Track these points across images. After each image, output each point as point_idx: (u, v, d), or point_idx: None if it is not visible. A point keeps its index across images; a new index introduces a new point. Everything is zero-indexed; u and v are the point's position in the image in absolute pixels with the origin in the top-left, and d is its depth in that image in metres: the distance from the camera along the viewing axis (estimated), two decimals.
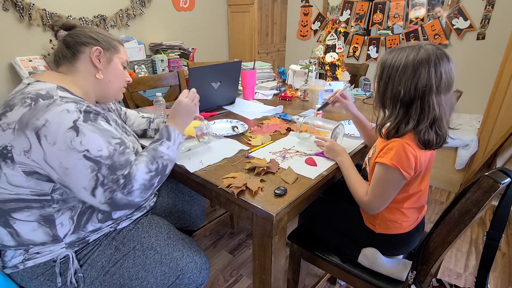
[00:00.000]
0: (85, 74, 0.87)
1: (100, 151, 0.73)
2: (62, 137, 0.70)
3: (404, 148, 0.80)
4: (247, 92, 1.76)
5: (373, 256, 0.96)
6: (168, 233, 0.95)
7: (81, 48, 0.86)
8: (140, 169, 0.78)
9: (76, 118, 0.72)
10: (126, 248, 0.88)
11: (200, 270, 0.94)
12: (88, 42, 0.86)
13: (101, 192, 0.73)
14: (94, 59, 0.87)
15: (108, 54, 0.90)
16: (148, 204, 1.02)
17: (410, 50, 0.80)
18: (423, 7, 2.81)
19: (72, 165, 0.71)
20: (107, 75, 0.90)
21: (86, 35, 0.87)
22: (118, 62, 0.93)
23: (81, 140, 0.71)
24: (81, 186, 0.72)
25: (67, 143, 0.70)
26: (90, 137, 0.73)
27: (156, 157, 0.83)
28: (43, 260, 0.81)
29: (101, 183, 0.73)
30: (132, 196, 0.76)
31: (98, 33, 0.90)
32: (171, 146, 0.87)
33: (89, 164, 0.72)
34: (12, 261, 0.80)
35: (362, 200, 0.92)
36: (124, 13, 2.71)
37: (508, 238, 1.86)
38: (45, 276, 0.81)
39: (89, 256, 0.85)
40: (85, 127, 0.73)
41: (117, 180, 0.74)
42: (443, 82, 0.78)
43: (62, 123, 0.70)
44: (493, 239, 0.72)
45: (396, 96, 0.82)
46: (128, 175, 0.76)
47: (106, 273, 0.85)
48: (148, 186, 0.79)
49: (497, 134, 2.07)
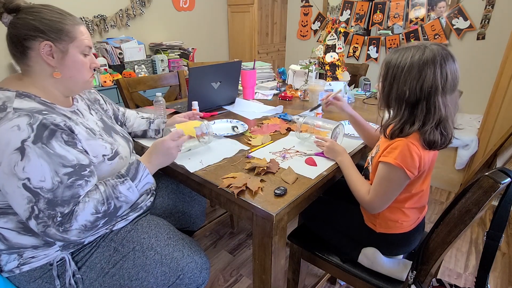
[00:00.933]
0: (41, 74, 0.77)
1: (42, 182, 0.67)
2: (7, 159, 0.65)
3: (409, 147, 0.80)
4: (247, 92, 1.76)
5: (373, 255, 0.96)
6: (168, 233, 0.94)
7: (27, 43, 0.73)
8: (86, 209, 0.72)
9: (25, 138, 0.66)
10: (126, 249, 0.88)
11: (201, 270, 0.94)
12: (34, 35, 0.73)
13: (34, 224, 0.69)
14: (45, 57, 0.75)
15: (62, 46, 0.76)
16: (145, 204, 1.00)
17: (415, 50, 0.79)
18: (423, 7, 2.81)
19: (11, 191, 0.67)
20: (66, 71, 0.79)
21: (29, 26, 0.73)
22: (76, 53, 0.79)
23: (24, 166, 0.66)
24: (19, 211, 0.70)
25: (10, 166, 0.65)
26: (35, 164, 0.66)
27: (111, 197, 0.76)
28: (39, 264, 0.80)
29: (35, 216, 0.68)
30: (68, 234, 0.71)
31: (43, 19, 0.74)
32: (132, 187, 0.81)
33: (27, 195, 0.67)
34: (7, 266, 0.79)
35: (364, 199, 0.91)
36: (124, 13, 2.71)
37: (508, 238, 1.86)
38: (43, 279, 0.81)
39: (87, 258, 0.85)
40: (33, 150, 0.66)
41: (53, 216, 0.69)
42: (449, 82, 0.77)
43: (10, 142, 0.65)
44: (493, 239, 0.72)
45: (401, 97, 0.82)
46: (69, 213, 0.71)
47: (105, 275, 0.85)
48: (89, 228, 0.74)
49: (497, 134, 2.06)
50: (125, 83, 1.66)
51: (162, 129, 1.19)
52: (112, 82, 2.32)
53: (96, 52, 2.46)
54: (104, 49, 2.45)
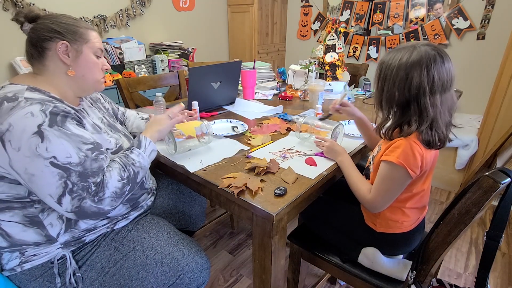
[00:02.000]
0: (56, 72, 0.82)
1: (69, 158, 0.70)
2: (26, 143, 0.67)
3: (412, 146, 0.80)
4: (247, 92, 1.76)
5: (373, 255, 0.96)
6: (168, 233, 0.95)
7: (45, 44, 0.79)
8: (113, 177, 0.77)
9: (40, 122, 0.68)
10: (126, 248, 0.88)
11: (201, 269, 0.94)
12: (51, 36, 0.79)
13: (68, 200, 0.70)
14: (61, 56, 0.80)
15: (76, 46, 0.82)
16: (146, 204, 1.01)
17: (405, 51, 0.80)
18: (423, 7, 2.81)
19: (38, 171, 0.68)
20: (79, 70, 0.84)
21: (48, 29, 0.79)
22: (89, 53, 0.85)
23: (46, 147, 0.68)
24: (47, 193, 0.70)
25: (32, 149, 0.67)
26: (57, 143, 0.69)
27: (128, 164, 0.82)
28: (40, 262, 0.81)
29: (70, 191, 0.70)
30: (102, 204, 0.74)
31: (61, 23, 0.81)
32: (141, 153, 0.86)
33: (57, 171, 0.69)
34: (9, 264, 0.80)
35: (365, 199, 0.91)
36: (124, 13, 2.71)
37: (508, 238, 1.86)
38: (43, 278, 0.81)
39: (88, 257, 0.85)
40: (51, 132, 0.69)
41: (88, 187, 0.72)
42: (436, 83, 0.77)
43: (26, 127, 0.67)
44: (493, 239, 0.72)
45: (391, 98, 0.83)
46: (101, 182, 0.74)
47: (106, 274, 0.85)
48: (119, 194, 0.78)
49: (497, 134, 2.06)
50: (125, 83, 1.66)
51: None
52: (112, 82, 2.32)
53: None
54: (104, 49, 2.45)
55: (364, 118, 1.12)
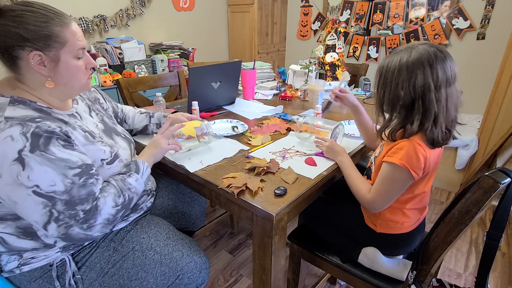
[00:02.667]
0: (34, 82, 0.73)
1: (53, 186, 0.65)
2: (7, 170, 0.62)
3: (415, 148, 0.80)
4: (247, 92, 1.76)
5: (373, 255, 0.96)
6: (167, 233, 0.94)
7: (14, 53, 0.68)
8: (107, 203, 0.73)
9: (21, 147, 0.62)
10: (125, 249, 0.88)
11: (200, 270, 0.94)
12: (20, 45, 0.67)
13: (54, 227, 0.66)
14: (36, 68, 0.69)
15: (52, 54, 0.70)
16: (145, 205, 1.01)
17: (403, 53, 0.81)
18: (423, 7, 2.81)
19: (21, 200, 0.64)
20: (60, 79, 0.74)
21: (13, 35, 0.66)
22: (68, 58, 0.73)
23: (28, 175, 0.62)
24: (32, 219, 0.66)
25: (13, 177, 0.62)
26: (39, 171, 0.63)
27: (124, 189, 0.80)
28: (39, 265, 0.80)
29: (55, 219, 0.66)
30: (92, 231, 0.71)
31: (29, 25, 0.67)
32: (139, 178, 0.85)
33: (41, 200, 0.64)
34: (7, 266, 0.79)
35: (365, 199, 0.91)
36: (124, 13, 2.71)
37: (508, 238, 1.86)
38: (43, 279, 0.81)
39: (87, 258, 0.85)
40: (32, 159, 0.63)
41: (75, 215, 0.68)
42: (440, 78, 0.78)
43: (6, 153, 0.61)
44: (493, 239, 0.72)
45: (395, 99, 0.83)
46: (92, 209, 0.70)
47: (105, 275, 0.85)
48: (111, 221, 0.76)
49: (497, 134, 2.06)
50: (125, 83, 1.66)
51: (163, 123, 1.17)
52: (112, 82, 2.32)
53: (96, 52, 2.46)
54: (104, 49, 2.45)
55: (360, 106, 1.12)
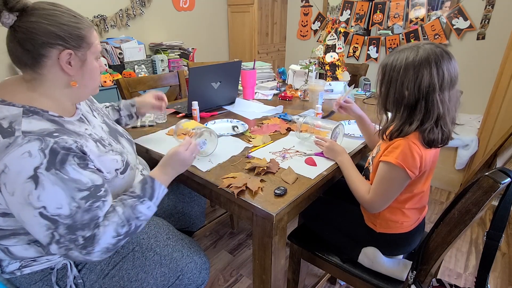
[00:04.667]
0: (55, 83, 0.71)
1: (59, 209, 0.64)
2: (20, 188, 0.62)
3: (410, 147, 0.80)
4: (247, 92, 1.76)
5: (373, 255, 0.96)
6: (167, 233, 0.94)
7: (44, 51, 0.66)
8: (107, 233, 0.70)
9: (37, 165, 0.62)
10: (125, 250, 0.87)
11: (200, 270, 0.94)
12: (52, 42, 0.66)
13: (55, 248, 0.67)
14: (64, 66, 0.69)
15: (81, 54, 0.71)
16: None
17: (409, 51, 0.80)
18: (423, 7, 2.81)
19: (27, 220, 0.65)
20: (82, 80, 0.74)
21: (46, 32, 0.65)
22: (92, 59, 0.75)
23: (39, 195, 0.62)
24: (38, 237, 0.67)
25: (24, 196, 0.62)
26: (50, 192, 0.63)
27: (131, 218, 0.74)
28: (41, 267, 0.80)
29: (56, 241, 0.66)
30: (90, 256, 0.70)
31: (62, 25, 0.67)
32: (152, 206, 0.79)
33: (45, 223, 0.64)
34: (9, 267, 0.79)
35: (364, 199, 0.91)
36: (124, 13, 2.71)
37: (508, 238, 1.86)
38: (43, 282, 0.81)
39: None
40: (47, 177, 0.62)
41: (75, 240, 0.67)
42: (446, 80, 0.77)
43: (22, 170, 0.61)
44: (493, 239, 0.72)
45: (399, 99, 0.82)
46: (91, 237, 0.68)
47: (105, 276, 0.84)
48: (111, 249, 0.73)
49: (497, 134, 2.06)
50: (125, 83, 1.66)
51: (135, 113, 1.14)
52: (112, 82, 2.32)
53: None
54: (104, 49, 2.45)
55: (365, 116, 1.12)
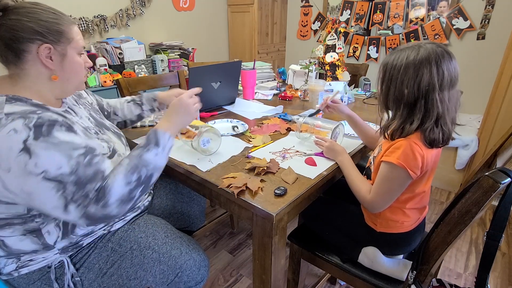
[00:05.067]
0: (37, 77, 0.74)
1: (59, 169, 0.65)
2: (15, 162, 0.62)
3: (412, 147, 0.80)
4: (247, 92, 1.76)
5: (373, 255, 0.96)
6: (165, 231, 0.94)
7: (24, 46, 0.69)
8: (117, 181, 0.71)
9: (25, 138, 0.63)
10: (123, 249, 0.88)
11: (199, 267, 0.94)
12: (31, 38, 0.69)
13: (73, 208, 0.67)
14: (44, 61, 0.72)
15: (60, 48, 0.74)
16: (143, 204, 1.00)
17: (410, 50, 0.80)
18: (423, 7, 2.81)
19: (34, 189, 0.65)
20: (63, 74, 0.76)
21: (26, 29, 0.69)
22: (73, 54, 0.77)
23: (35, 162, 0.63)
24: (51, 206, 0.67)
25: (22, 168, 0.63)
26: (45, 156, 0.64)
27: (140, 165, 0.75)
28: (38, 267, 0.80)
29: (71, 200, 0.67)
30: (108, 209, 0.70)
31: (40, 21, 0.70)
32: (159, 153, 0.78)
33: (52, 185, 0.65)
34: (5, 269, 0.79)
35: (365, 199, 0.91)
36: (124, 13, 2.71)
37: (508, 238, 1.86)
38: (41, 281, 0.81)
39: (85, 259, 0.85)
40: (37, 145, 0.64)
41: (87, 194, 0.68)
42: (446, 79, 0.78)
43: (12, 146, 0.62)
44: (493, 239, 0.72)
45: (399, 97, 0.83)
46: (102, 188, 0.69)
47: (104, 275, 0.85)
48: (127, 200, 0.73)
49: (497, 134, 2.06)
50: (125, 83, 1.66)
51: (157, 107, 1.15)
52: (112, 82, 2.32)
53: (96, 52, 2.46)
54: (104, 49, 2.45)
55: (354, 116, 1.12)
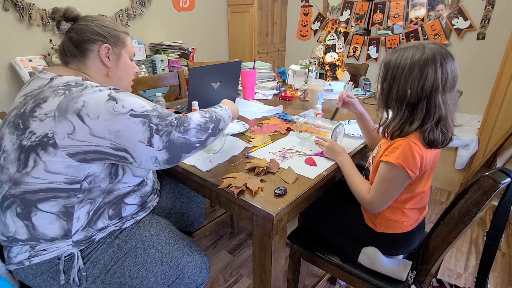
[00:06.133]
0: (96, 72, 0.88)
1: (143, 107, 0.76)
2: (103, 109, 0.72)
3: (411, 147, 0.80)
4: (247, 92, 1.76)
5: (373, 255, 0.96)
6: (169, 232, 0.95)
7: (88, 46, 0.85)
8: (194, 115, 0.84)
9: (109, 92, 0.76)
10: (128, 246, 0.88)
11: (200, 269, 0.94)
12: (95, 39, 0.86)
13: (157, 138, 0.75)
14: (103, 58, 0.87)
15: (117, 50, 0.90)
16: (152, 204, 1.02)
17: (414, 50, 0.79)
18: (423, 7, 2.81)
19: (122, 126, 0.73)
20: (117, 72, 0.91)
21: (92, 31, 0.86)
22: (126, 57, 0.93)
23: (122, 104, 0.74)
24: (137, 140, 0.74)
25: (110, 111, 0.72)
26: (129, 99, 0.76)
27: (210, 110, 0.90)
28: (49, 257, 0.81)
29: (156, 130, 0.75)
30: (188, 134, 0.80)
31: (103, 26, 0.88)
32: (224, 110, 0.95)
33: (139, 120, 0.74)
34: (17, 257, 0.80)
35: (364, 199, 0.91)
36: (124, 13, 2.71)
37: (508, 238, 1.86)
38: (48, 274, 0.81)
39: (92, 254, 0.85)
40: (120, 94, 0.76)
41: (169, 123, 0.78)
42: (449, 80, 0.78)
43: (99, 98, 0.73)
44: (493, 239, 0.72)
45: (402, 97, 0.82)
46: (182, 118, 0.80)
47: (108, 272, 0.85)
48: (203, 128, 0.83)
49: (497, 134, 2.07)
50: None
51: None
52: None
53: None
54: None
55: (366, 114, 1.12)
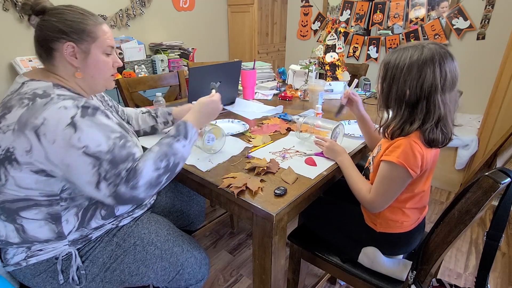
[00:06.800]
0: (66, 72, 0.81)
1: (99, 147, 0.72)
2: (61, 135, 0.69)
3: (412, 146, 0.80)
4: (247, 92, 1.76)
5: (373, 255, 0.96)
6: (168, 229, 0.95)
7: (52, 45, 0.77)
8: (147, 166, 0.76)
9: (73, 114, 0.70)
10: (127, 244, 0.88)
11: (200, 265, 0.94)
12: (57, 37, 0.76)
13: (105, 186, 0.72)
14: (68, 58, 0.78)
15: (84, 46, 0.79)
16: (149, 202, 1.02)
17: (413, 50, 0.80)
18: (423, 7, 2.81)
19: (73, 162, 0.70)
20: (88, 71, 0.82)
21: (53, 28, 0.76)
22: (98, 53, 0.82)
23: (79, 137, 0.70)
24: (85, 181, 0.72)
25: (66, 140, 0.69)
26: (88, 133, 0.71)
27: (169, 154, 0.79)
28: (46, 257, 0.81)
29: (104, 178, 0.72)
30: (137, 191, 0.74)
31: (66, 20, 0.77)
32: (186, 145, 0.84)
33: (89, 161, 0.70)
34: (14, 259, 0.80)
35: (364, 199, 0.91)
36: (124, 13, 2.71)
37: (508, 238, 1.86)
38: (47, 273, 0.81)
39: (91, 252, 0.85)
40: (83, 122, 0.71)
41: (119, 174, 0.73)
42: (448, 80, 0.78)
43: (60, 120, 0.69)
44: (493, 239, 0.72)
45: (401, 97, 0.82)
46: (133, 170, 0.74)
47: (107, 270, 0.85)
48: (154, 184, 0.77)
49: (497, 134, 2.06)
50: (125, 83, 1.66)
51: (171, 120, 1.19)
52: None
53: None
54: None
55: (367, 116, 1.12)
